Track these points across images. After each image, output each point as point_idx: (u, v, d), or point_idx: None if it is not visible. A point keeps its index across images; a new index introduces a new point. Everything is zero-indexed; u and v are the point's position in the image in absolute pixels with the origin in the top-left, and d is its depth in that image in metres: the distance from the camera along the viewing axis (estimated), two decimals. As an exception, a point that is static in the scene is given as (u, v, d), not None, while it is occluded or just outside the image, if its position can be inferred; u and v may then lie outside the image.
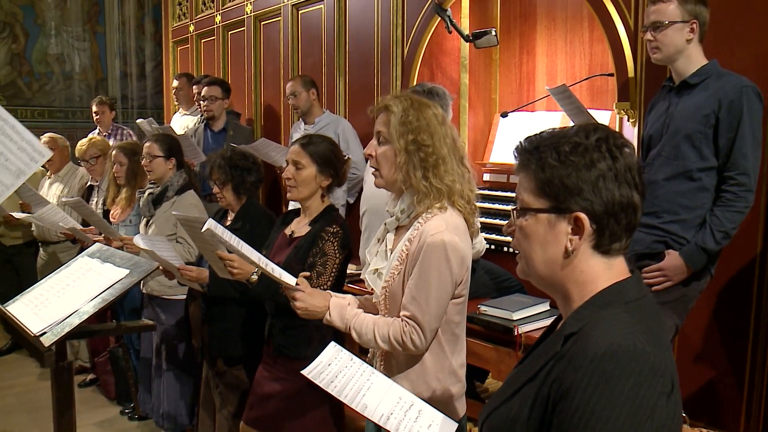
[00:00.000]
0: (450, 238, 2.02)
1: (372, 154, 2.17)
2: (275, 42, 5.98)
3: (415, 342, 2.05)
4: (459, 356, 2.20)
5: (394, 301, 2.13)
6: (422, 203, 2.09)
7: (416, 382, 2.13)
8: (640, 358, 1.15)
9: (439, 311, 2.06)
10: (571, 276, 1.31)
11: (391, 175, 2.14)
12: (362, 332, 2.13)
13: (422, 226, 2.07)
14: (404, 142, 2.08)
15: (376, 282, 2.20)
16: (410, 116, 2.09)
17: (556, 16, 4.31)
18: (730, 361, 3.12)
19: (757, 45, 2.95)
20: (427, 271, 2.03)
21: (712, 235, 2.65)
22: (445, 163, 2.09)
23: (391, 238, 2.21)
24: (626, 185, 1.26)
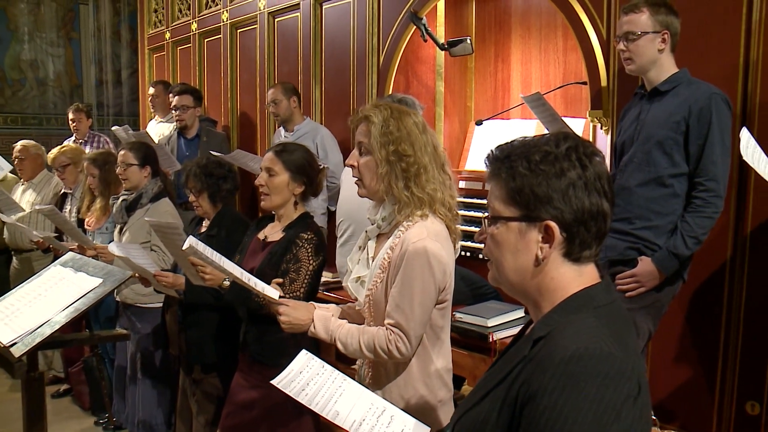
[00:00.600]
0: (431, 245, 2.03)
1: (354, 165, 2.18)
2: (251, 50, 5.97)
3: (401, 350, 2.06)
4: (444, 360, 2.21)
5: (378, 309, 2.13)
6: (403, 211, 2.10)
7: (404, 389, 2.14)
8: (607, 361, 1.16)
9: (423, 318, 2.07)
10: (542, 283, 1.33)
11: (374, 185, 2.15)
12: (347, 343, 2.13)
13: (403, 234, 2.07)
14: (385, 152, 2.09)
15: (359, 290, 2.21)
16: (391, 126, 2.09)
17: (531, 25, 4.35)
18: (702, 365, 3.16)
19: (725, 55, 3.00)
20: (410, 278, 2.03)
21: (684, 241, 2.69)
22: (427, 171, 2.10)
23: (372, 246, 2.22)
24: (596, 193, 1.28)
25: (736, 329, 3.03)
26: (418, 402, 2.13)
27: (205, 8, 6.61)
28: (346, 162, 2.23)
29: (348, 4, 4.93)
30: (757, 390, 2.98)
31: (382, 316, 2.11)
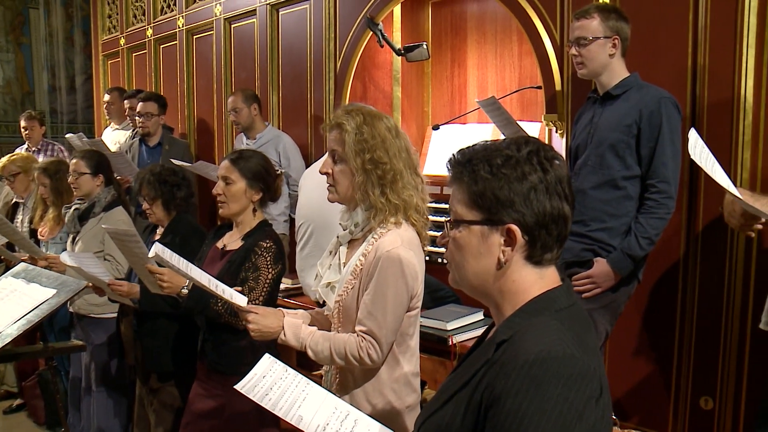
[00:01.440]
0: (405, 254, 2.03)
1: (329, 172, 2.15)
2: (208, 56, 5.92)
3: (372, 357, 2.05)
4: (413, 365, 2.21)
5: (348, 315, 2.12)
6: (377, 217, 2.09)
7: (372, 395, 2.13)
8: (569, 363, 1.18)
9: (395, 325, 2.07)
10: (504, 286, 1.34)
11: (349, 193, 2.13)
12: (318, 350, 2.11)
13: (377, 241, 2.07)
14: (361, 161, 2.07)
15: (329, 295, 2.19)
16: (365, 134, 2.07)
17: (486, 30, 4.39)
18: (658, 363, 3.22)
19: (674, 59, 3.08)
20: (384, 286, 2.03)
21: (637, 242, 2.74)
22: (402, 177, 2.10)
23: (344, 252, 2.21)
24: (557, 197, 1.30)
25: (690, 327, 3.10)
26: (385, 408, 2.13)
27: (160, 14, 6.54)
28: (320, 169, 2.19)
29: (304, 9, 4.93)
30: (710, 385, 3.05)
31: (352, 322, 2.10)
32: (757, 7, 2.83)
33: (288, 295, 3.95)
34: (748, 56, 2.86)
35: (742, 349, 2.95)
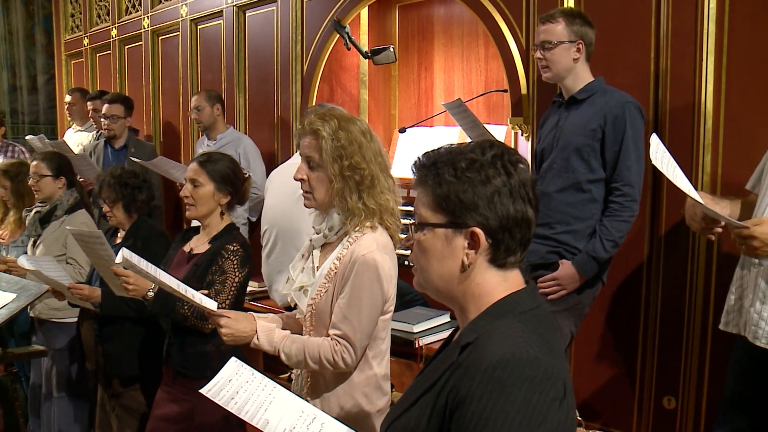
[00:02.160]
0: (381, 258, 2.03)
1: (304, 179, 2.13)
2: (174, 57, 5.87)
3: (346, 360, 2.05)
4: (384, 369, 2.20)
5: (321, 319, 2.11)
6: (352, 222, 2.09)
7: (343, 398, 2.13)
8: (533, 365, 1.19)
9: (369, 329, 2.07)
10: (468, 289, 1.34)
11: (327, 199, 2.12)
12: (292, 354, 2.10)
13: (352, 245, 2.06)
14: (339, 167, 2.05)
15: (302, 298, 2.18)
16: (342, 140, 2.05)
17: (453, 34, 4.41)
18: (623, 364, 3.26)
19: (638, 64, 3.13)
20: (359, 290, 2.02)
21: (602, 244, 2.77)
22: (380, 181, 2.09)
23: (317, 255, 2.19)
24: (521, 200, 1.31)
25: (653, 328, 3.14)
26: (356, 411, 2.12)
27: (125, 14, 6.45)
28: (295, 176, 2.16)
29: (271, 11, 4.91)
30: (673, 385, 3.10)
31: (324, 326, 2.09)
32: (716, 15, 2.88)
33: (254, 298, 3.93)
34: (708, 62, 2.91)
35: (703, 349, 3.00)
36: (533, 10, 3.43)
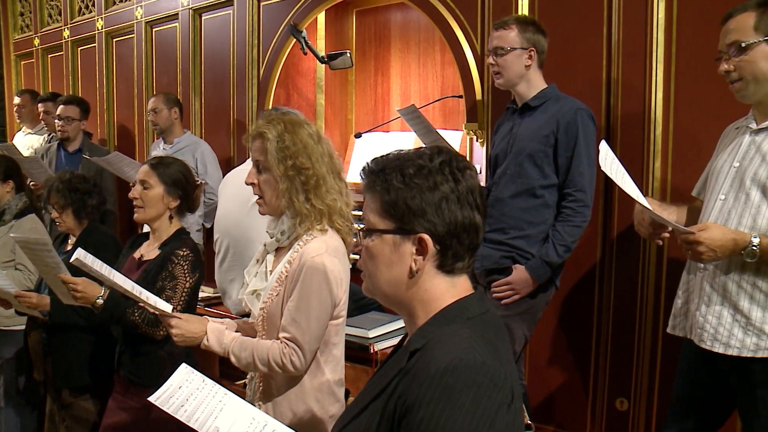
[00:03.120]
0: (329, 261, 2.04)
1: (254, 183, 2.15)
2: (128, 60, 5.78)
3: (295, 363, 2.05)
4: (337, 374, 2.21)
5: (272, 322, 2.11)
6: (303, 225, 2.10)
7: (295, 403, 2.12)
8: (480, 371, 1.19)
9: (319, 333, 2.07)
10: (416, 295, 1.35)
11: (275, 202, 2.13)
12: (241, 356, 2.10)
13: (302, 248, 2.07)
14: (283, 167, 2.08)
15: (255, 303, 2.19)
16: (286, 141, 2.08)
17: (410, 39, 4.43)
18: (576, 366, 3.31)
19: (590, 72, 3.18)
20: (308, 293, 2.03)
21: (555, 249, 2.80)
22: (326, 182, 2.11)
23: (270, 260, 2.20)
24: (468, 207, 1.31)
25: (606, 331, 3.19)
26: (308, 416, 2.12)
27: (78, 14, 6.33)
28: (246, 180, 2.19)
29: (228, 15, 4.87)
30: (625, 387, 3.15)
31: (276, 330, 2.09)
32: (665, 25, 2.95)
33: (208, 304, 3.89)
34: (658, 70, 2.98)
35: (654, 351, 3.06)
36: (488, 16, 3.46)
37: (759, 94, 2.11)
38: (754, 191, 2.10)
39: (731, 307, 2.12)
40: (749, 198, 2.11)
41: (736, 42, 2.09)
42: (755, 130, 2.17)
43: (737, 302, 2.11)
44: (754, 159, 2.12)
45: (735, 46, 2.10)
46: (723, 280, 2.14)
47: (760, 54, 2.06)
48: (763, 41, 2.05)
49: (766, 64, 2.06)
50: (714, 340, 2.15)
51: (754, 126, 2.18)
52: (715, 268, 2.16)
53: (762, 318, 2.08)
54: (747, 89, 2.12)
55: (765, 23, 2.05)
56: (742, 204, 2.12)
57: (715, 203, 2.20)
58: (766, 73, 2.07)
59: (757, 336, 2.08)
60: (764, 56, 2.06)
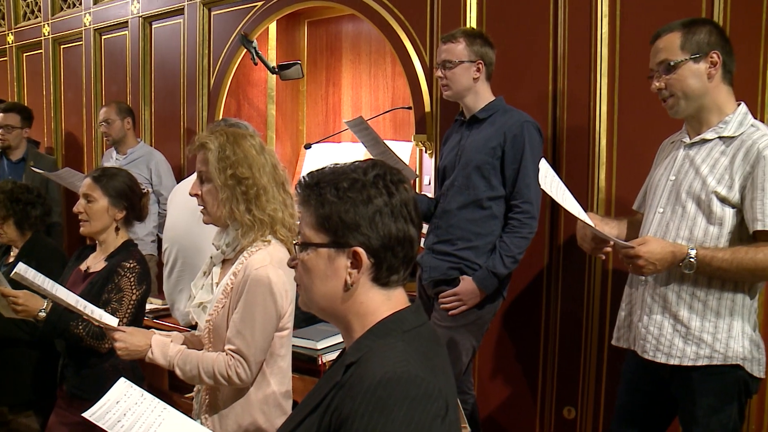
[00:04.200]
0: (274, 272, 2.04)
1: (198, 194, 2.16)
2: (77, 67, 5.67)
3: (241, 375, 2.04)
4: (283, 387, 2.20)
5: (218, 335, 2.10)
6: (247, 236, 2.10)
7: (241, 416, 2.11)
8: (414, 384, 1.20)
9: (264, 344, 2.06)
10: (352, 308, 1.35)
11: (217, 211, 2.13)
12: (186, 369, 2.09)
13: (247, 260, 2.07)
14: (224, 177, 2.09)
15: (201, 315, 2.18)
16: (227, 151, 2.09)
17: (361, 51, 4.45)
18: (525, 376, 3.34)
19: (537, 84, 3.23)
20: (252, 305, 2.02)
21: (501, 260, 2.83)
22: (267, 192, 2.12)
23: (217, 272, 2.20)
24: (402, 220, 1.32)
25: (553, 341, 3.23)
26: (254, 429, 2.11)
27: (22, 19, 6.20)
28: (189, 191, 2.19)
29: (178, 24, 4.83)
30: (573, 396, 3.19)
31: (222, 342, 2.08)
32: (608, 39, 3.01)
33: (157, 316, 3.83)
34: (602, 83, 3.04)
35: (600, 360, 3.10)
36: (437, 29, 3.50)
37: (690, 109, 2.19)
38: (690, 204, 2.16)
39: (671, 317, 2.18)
40: (685, 210, 2.17)
41: (665, 61, 2.18)
42: (688, 144, 2.24)
43: (677, 312, 2.16)
44: (689, 172, 2.19)
45: (664, 65, 2.18)
46: (663, 291, 2.19)
47: (687, 72, 2.15)
48: (690, 59, 2.14)
49: (694, 81, 2.15)
50: (656, 350, 2.20)
51: (687, 140, 2.25)
52: (656, 280, 2.22)
53: (700, 327, 2.13)
54: (678, 105, 2.20)
55: (690, 43, 2.14)
56: (679, 216, 2.19)
57: (654, 216, 2.26)
58: (694, 89, 2.15)
59: (696, 345, 2.14)
60: (692, 74, 2.15)
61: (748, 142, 2.09)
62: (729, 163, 2.11)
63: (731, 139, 2.13)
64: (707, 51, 2.13)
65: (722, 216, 2.11)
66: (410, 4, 3.62)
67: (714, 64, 2.14)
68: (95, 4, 5.43)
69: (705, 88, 2.15)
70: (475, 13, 3.39)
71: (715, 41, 2.15)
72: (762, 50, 2.66)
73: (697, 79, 2.14)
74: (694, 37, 2.14)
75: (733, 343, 2.12)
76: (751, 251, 2.03)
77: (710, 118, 2.19)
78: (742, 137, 2.12)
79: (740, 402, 2.17)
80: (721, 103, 2.17)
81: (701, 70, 2.14)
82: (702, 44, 2.14)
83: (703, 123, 2.20)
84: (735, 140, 2.12)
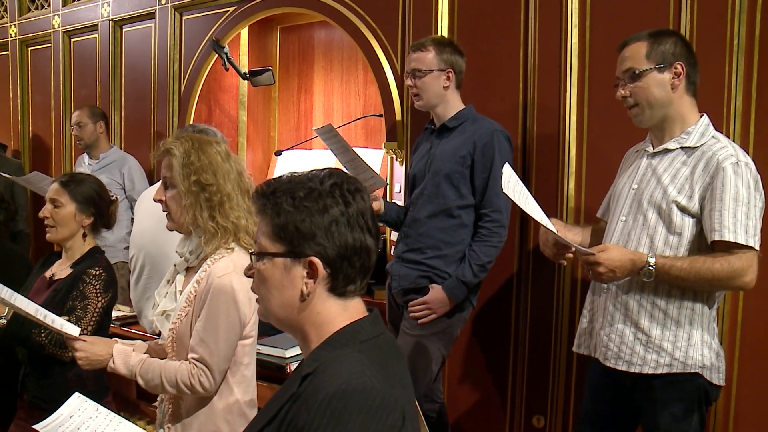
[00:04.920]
0: (237, 280, 2.02)
1: (162, 199, 2.14)
2: (45, 70, 5.59)
3: (204, 384, 2.02)
4: (248, 396, 2.18)
5: (182, 343, 2.08)
6: (210, 243, 2.08)
7: (204, 425, 2.09)
8: (369, 395, 1.19)
9: (227, 353, 2.05)
10: (309, 318, 1.35)
11: (180, 217, 2.12)
12: (148, 378, 2.07)
13: (210, 267, 2.05)
14: (188, 183, 2.07)
15: (164, 324, 2.16)
16: (192, 157, 2.08)
17: (333, 58, 4.45)
18: (495, 384, 3.34)
19: (508, 94, 3.24)
20: (215, 313, 2.01)
21: (471, 269, 2.83)
22: (231, 199, 2.10)
23: (180, 280, 2.18)
24: (359, 229, 1.32)
25: (523, 349, 3.23)
26: None
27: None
28: (153, 197, 2.18)
29: (149, 28, 4.78)
30: (542, 404, 3.19)
31: (186, 350, 2.06)
32: (578, 49, 3.03)
33: (124, 323, 3.78)
34: (571, 93, 3.05)
35: (569, 369, 3.11)
36: (408, 37, 3.49)
37: (654, 118, 2.22)
38: (651, 212, 2.19)
39: (633, 325, 2.20)
40: (647, 219, 2.20)
41: (630, 69, 2.21)
42: (651, 154, 2.27)
43: (638, 321, 2.19)
44: (651, 181, 2.22)
45: (629, 73, 2.21)
46: (625, 300, 2.22)
47: (652, 81, 2.18)
48: (654, 69, 2.18)
49: (658, 90, 2.18)
50: (617, 358, 2.22)
51: (650, 149, 2.28)
52: (618, 288, 2.23)
53: (661, 335, 2.16)
54: (643, 114, 2.23)
55: (655, 53, 2.18)
56: (641, 225, 2.21)
57: (617, 225, 2.29)
58: (658, 98, 2.19)
59: (656, 353, 2.16)
60: (656, 83, 2.18)
61: (709, 153, 2.13)
62: (690, 173, 2.14)
63: (693, 149, 2.17)
64: (672, 61, 2.17)
65: (682, 225, 2.14)
66: (382, 12, 3.62)
67: (678, 74, 2.17)
68: (64, 6, 5.37)
69: (669, 97, 2.19)
70: (446, 22, 3.39)
71: (680, 52, 2.18)
72: (727, 62, 2.69)
73: (661, 88, 2.18)
74: (659, 48, 2.18)
75: (692, 351, 2.15)
76: (709, 261, 2.05)
77: (673, 128, 2.22)
78: (703, 148, 2.15)
79: (701, 410, 2.19)
80: (685, 113, 2.21)
81: (665, 80, 2.17)
82: (667, 55, 2.17)
83: (666, 133, 2.23)
84: (696, 151, 2.16)
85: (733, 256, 2.04)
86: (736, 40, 2.68)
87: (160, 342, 2.22)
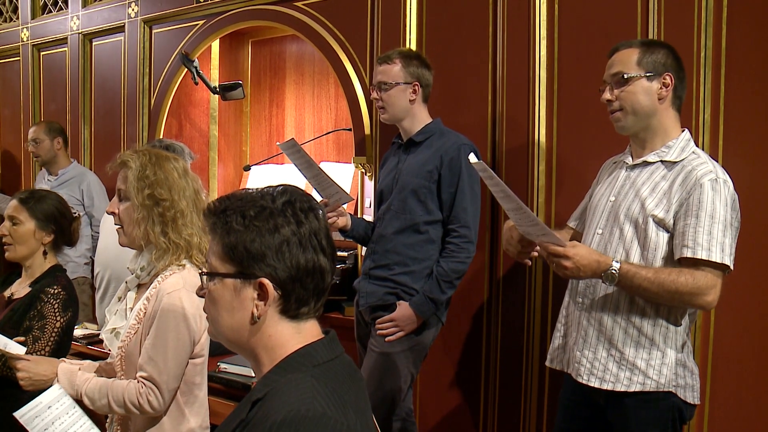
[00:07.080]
0: (187, 297, 1.98)
1: (115, 212, 2.11)
2: (14, 83, 5.54)
3: (152, 403, 1.97)
4: (200, 418, 2.12)
5: (131, 362, 2.03)
6: (162, 260, 2.04)
7: None
8: (320, 422, 1.15)
9: (177, 371, 2.00)
10: (260, 341, 1.30)
11: (132, 231, 2.08)
12: (95, 398, 2.02)
13: (160, 284, 2.01)
14: (142, 197, 2.03)
15: (113, 342, 2.11)
16: (148, 171, 2.05)
17: (305, 71, 4.42)
18: (466, 403, 3.30)
19: (477, 107, 3.22)
20: (165, 330, 1.96)
21: (438, 285, 2.79)
22: (184, 216, 2.07)
23: (132, 297, 2.13)
24: (311, 249, 1.27)
25: (494, 366, 3.20)
26: None
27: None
28: (107, 209, 2.16)
29: (119, 41, 4.74)
30: (514, 422, 3.15)
31: (135, 369, 2.01)
32: (546, 62, 3.02)
33: (90, 342, 3.71)
34: (540, 106, 3.04)
35: (542, 386, 3.08)
36: (377, 51, 3.48)
37: (636, 126, 2.20)
38: (627, 226, 2.17)
39: (607, 341, 2.17)
40: (623, 232, 2.18)
41: (619, 73, 2.19)
42: (630, 166, 2.25)
43: (612, 337, 2.16)
44: (629, 194, 2.20)
45: (618, 77, 2.19)
46: (599, 316, 2.19)
47: (640, 88, 2.16)
48: (644, 76, 2.16)
49: (644, 98, 2.16)
50: (590, 374, 2.19)
51: (630, 161, 2.26)
52: (593, 303, 2.21)
53: (635, 353, 2.13)
54: (625, 120, 2.20)
55: (647, 60, 2.16)
56: (617, 238, 2.19)
57: (593, 237, 2.27)
58: (644, 106, 2.17)
59: (629, 371, 2.13)
60: (644, 90, 2.16)
61: (688, 167, 2.11)
62: (668, 187, 2.12)
63: (673, 164, 2.15)
64: (662, 72, 2.16)
65: (657, 241, 2.12)
66: (351, 25, 3.60)
67: (666, 85, 2.16)
68: (33, 19, 5.32)
69: (654, 107, 2.17)
70: (414, 35, 3.38)
71: (670, 64, 2.17)
72: (695, 74, 2.69)
73: (648, 97, 2.16)
74: (651, 56, 2.16)
75: (666, 369, 2.12)
76: (674, 273, 2.03)
77: (654, 141, 2.20)
78: (683, 163, 2.13)
79: (675, 429, 2.16)
80: (668, 126, 2.19)
81: (653, 89, 2.16)
82: (658, 64, 2.16)
83: (647, 144, 2.22)
84: (676, 165, 2.14)
85: (699, 272, 2.03)
86: (704, 52, 2.68)
87: (109, 361, 2.17)
